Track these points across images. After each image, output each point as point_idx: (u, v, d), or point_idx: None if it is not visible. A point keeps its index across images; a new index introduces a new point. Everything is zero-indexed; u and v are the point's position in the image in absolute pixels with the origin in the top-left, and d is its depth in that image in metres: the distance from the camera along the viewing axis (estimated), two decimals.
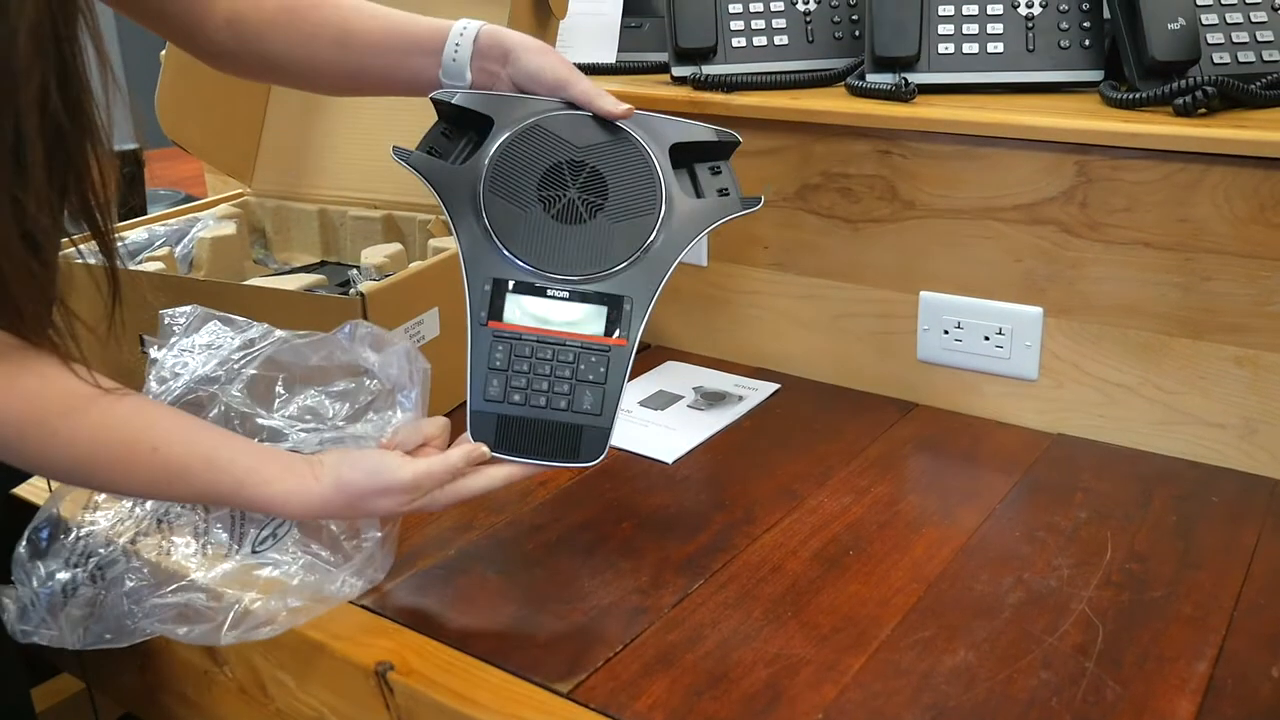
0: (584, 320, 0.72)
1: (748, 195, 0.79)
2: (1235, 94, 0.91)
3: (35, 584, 0.76)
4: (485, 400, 0.73)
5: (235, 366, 0.81)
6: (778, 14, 1.15)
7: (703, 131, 0.79)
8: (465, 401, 1.04)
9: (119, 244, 0.73)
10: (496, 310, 0.74)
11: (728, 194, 0.78)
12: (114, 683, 0.92)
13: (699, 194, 0.78)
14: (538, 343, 0.72)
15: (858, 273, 1.08)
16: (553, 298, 0.73)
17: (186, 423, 0.71)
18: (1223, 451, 0.93)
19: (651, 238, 0.74)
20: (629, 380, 0.72)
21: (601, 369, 0.71)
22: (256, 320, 0.95)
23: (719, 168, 0.79)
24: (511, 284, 0.74)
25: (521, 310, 0.73)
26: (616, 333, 0.72)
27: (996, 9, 1.05)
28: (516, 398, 0.72)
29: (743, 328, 1.17)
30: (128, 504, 0.81)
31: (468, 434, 0.74)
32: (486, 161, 0.76)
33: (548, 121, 0.77)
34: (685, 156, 0.79)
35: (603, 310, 0.72)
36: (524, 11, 1.10)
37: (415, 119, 1.26)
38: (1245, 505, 0.87)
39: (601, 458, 0.70)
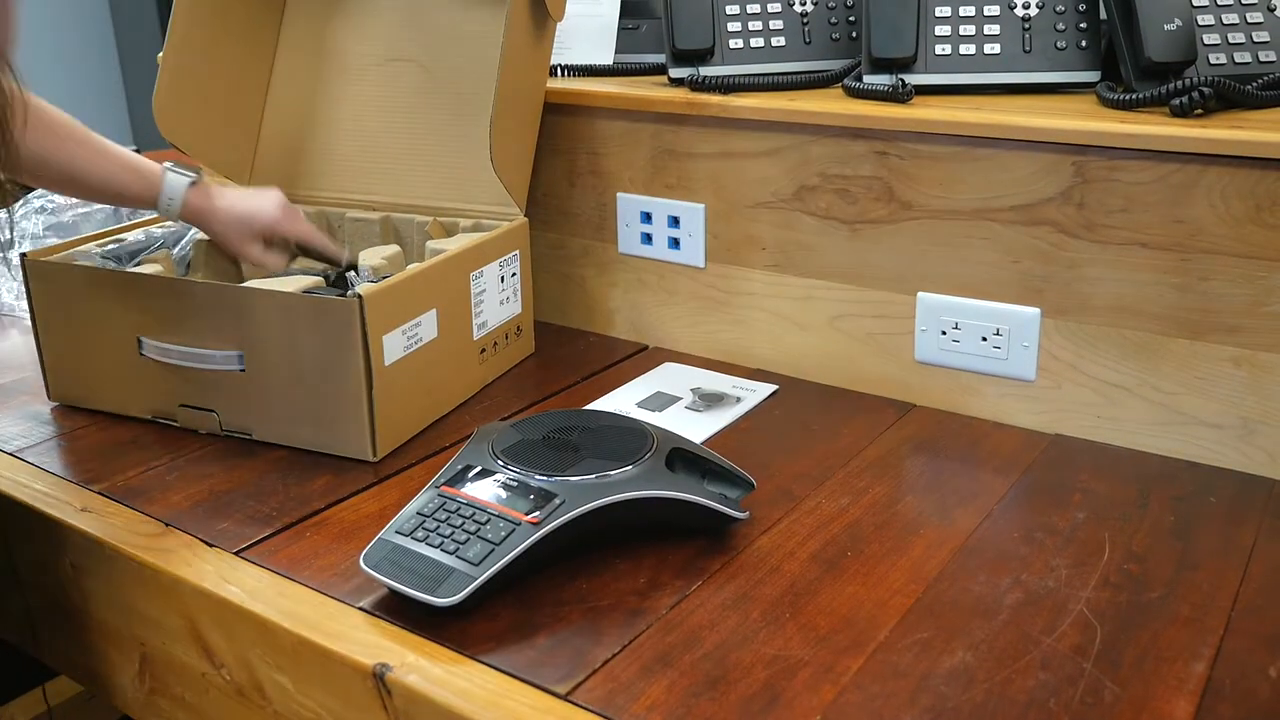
0: (514, 501, 0.77)
1: (740, 502, 0.84)
2: (1231, 95, 0.91)
3: None
4: (395, 532, 0.77)
5: None
6: (775, 15, 1.15)
7: (725, 461, 0.86)
8: (450, 414, 1.05)
9: (116, 245, 0.75)
10: (455, 481, 0.81)
11: (721, 495, 0.84)
12: (112, 686, 0.92)
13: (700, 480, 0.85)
14: (466, 505, 0.78)
15: (855, 274, 1.08)
16: (503, 484, 0.79)
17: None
18: (1220, 452, 0.93)
19: (616, 472, 0.80)
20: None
21: (503, 534, 0.75)
22: (255, 323, 0.95)
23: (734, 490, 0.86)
24: (479, 469, 0.81)
25: (473, 486, 0.80)
26: (535, 515, 0.76)
27: (993, 10, 1.05)
28: (419, 534, 0.76)
29: (740, 329, 1.17)
30: None
31: None
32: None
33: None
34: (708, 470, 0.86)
35: (534, 500, 0.77)
36: (521, 14, 1.10)
37: (412, 122, 1.26)
38: (1243, 506, 0.87)
39: (455, 600, 0.72)
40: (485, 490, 0.79)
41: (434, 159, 1.24)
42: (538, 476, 0.79)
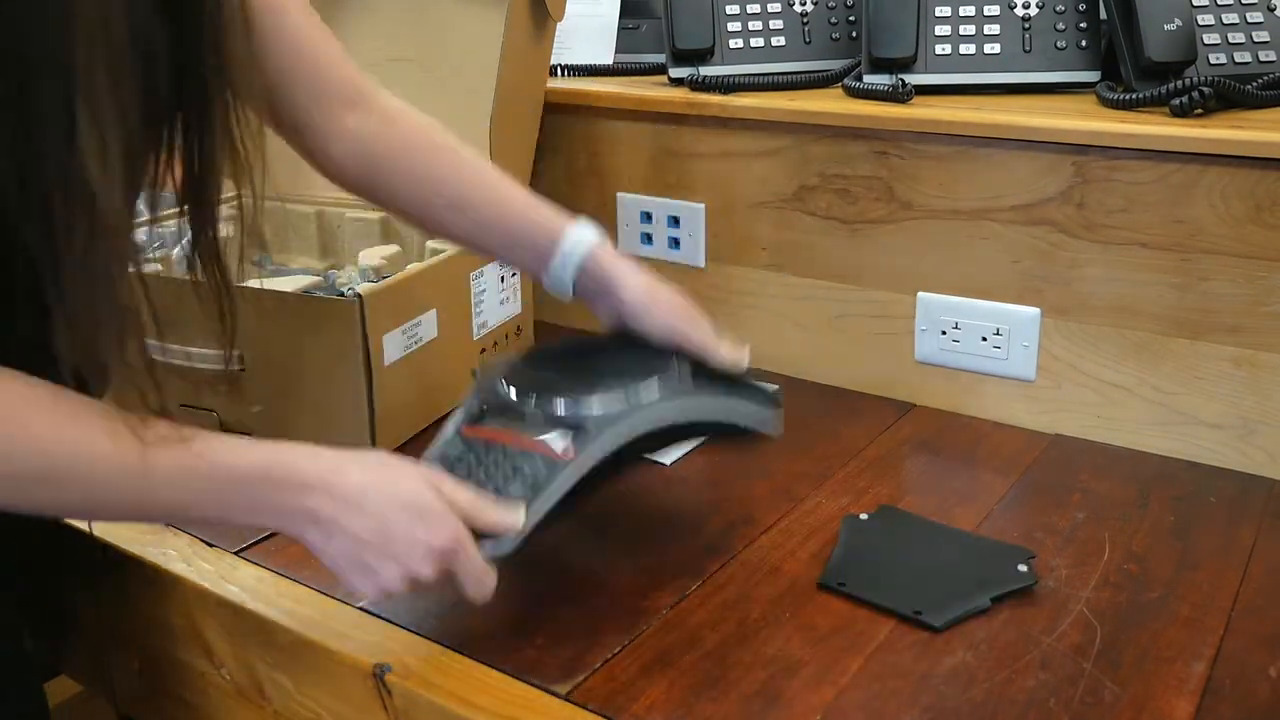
0: (545, 435, 0.72)
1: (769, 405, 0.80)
2: (1231, 94, 0.91)
3: None
4: None
5: None
6: (775, 15, 1.15)
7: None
8: (450, 414, 1.04)
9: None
10: (476, 421, 0.76)
11: (751, 410, 0.80)
12: (112, 685, 0.92)
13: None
14: (494, 445, 0.73)
15: (855, 274, 1.08)
16: (527, 419, 0.74)
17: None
18: (1220, 452, 0.93)
19: (644, 391, 0.74)
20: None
21: (543, 472, 0.70)
22: (255, 323, 0.95)
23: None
24: (497, 407, 0.76)
25: (495, 425, 0.75)
26: (567, 449, 0.71)
27: (993, 10, 1.05)
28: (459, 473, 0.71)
29: (740, 329, 1.17)
30: None
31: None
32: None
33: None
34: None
35: (565, 433, 0.72)
36: (521, 14, 1.10)
37: None
38: (1243, 506, 0.87)
39: (511, 549, 0.68)
40: (510, 427, 0.73)
41: None
42: (563, 406, 0.73)
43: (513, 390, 0.76)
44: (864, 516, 0.85)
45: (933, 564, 0.79)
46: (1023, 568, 0.77)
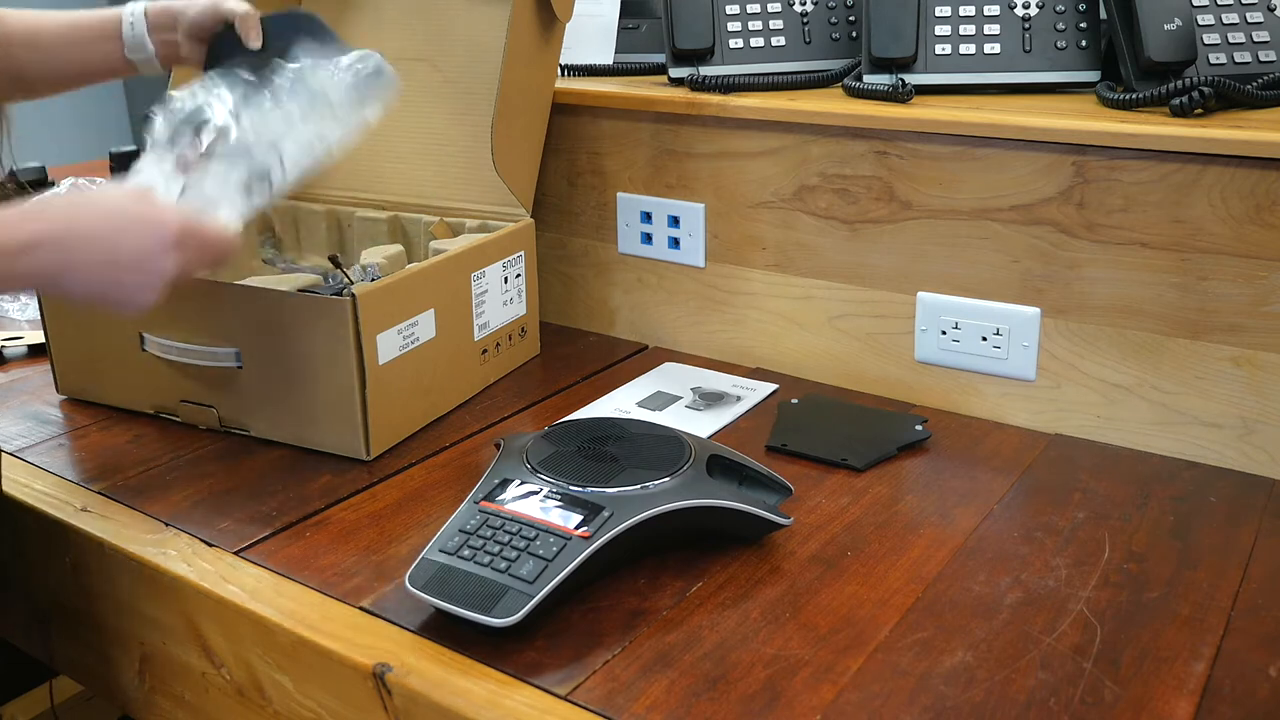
0: (560, 514, 0.76)
1: (779, 510, 0.83)
2: (1231, 94, 0.91)
3: None
4: (440, 550, 0.75)
5: None
6: (775, 15, 1.15)
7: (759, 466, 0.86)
8: (444, 417, 1.05)
9: None
10: (494, 495, 0.79)
11: (765, 500, 0.83)
12: (112, 685, 0.92)
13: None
14: (510, 520, 0.76)
15: (855, 274, 1.08)
16: (545, 497, 0.78)
17: None
18: (1220, 452, 0.93)
19: (658, 482, 0.79)
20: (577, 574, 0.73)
21: (555, 550, 0.73)
22: (251, 321, 0.95)
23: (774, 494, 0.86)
24: (517, 482, 0.79)
25: (514, 501, 0.78)
26: (584, 528, 0.74)
27: (993, 10, 1.05)
28: (465, 553, 0.74)
29: (740, 329, 1.17)
30: None
31: None
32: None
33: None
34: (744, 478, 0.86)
35: (581, 512, 0.75)
36: (525, 15, 1.10)
37: (423, 121, 1.26)
38: (1243, 505, 0.87)
39: (514, 620, 0.70)
40: (528, 504, 0.77)
41: (444, 158, 1.24)
42: (581, 488, 0.77)
43: (533, 468, 0.81)
44: (795, 401, 1.05)
45: (850, 429, 0.99)
46: (919, 427, 0.97)
